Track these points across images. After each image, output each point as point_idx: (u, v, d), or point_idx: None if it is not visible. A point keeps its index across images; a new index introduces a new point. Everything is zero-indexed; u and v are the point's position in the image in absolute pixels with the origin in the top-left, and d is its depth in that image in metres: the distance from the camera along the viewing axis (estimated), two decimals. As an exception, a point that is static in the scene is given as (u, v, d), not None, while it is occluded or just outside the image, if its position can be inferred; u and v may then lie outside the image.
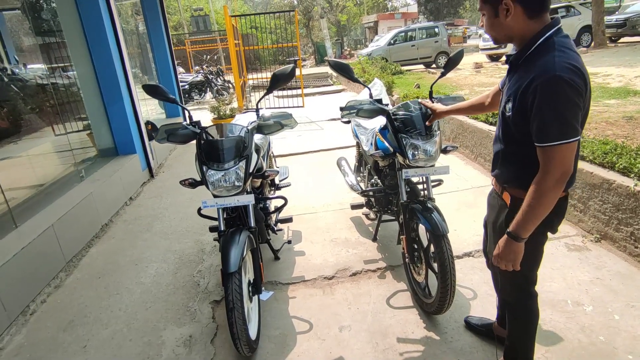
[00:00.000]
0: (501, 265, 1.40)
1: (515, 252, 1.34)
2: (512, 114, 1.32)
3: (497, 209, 1.54)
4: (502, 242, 1.37)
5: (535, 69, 1.22)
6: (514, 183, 1.44)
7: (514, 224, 1.33)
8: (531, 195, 1.27)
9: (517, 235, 1.32)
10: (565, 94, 1.17)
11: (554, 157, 1.22)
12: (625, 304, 2.15)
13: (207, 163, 1.97)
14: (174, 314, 2.40)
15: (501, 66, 11.84)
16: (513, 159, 1.42)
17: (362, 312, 2.31)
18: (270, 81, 2.18)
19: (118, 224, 3.78)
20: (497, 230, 1.53)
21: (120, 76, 4.46)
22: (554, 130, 1.19)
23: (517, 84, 1.30)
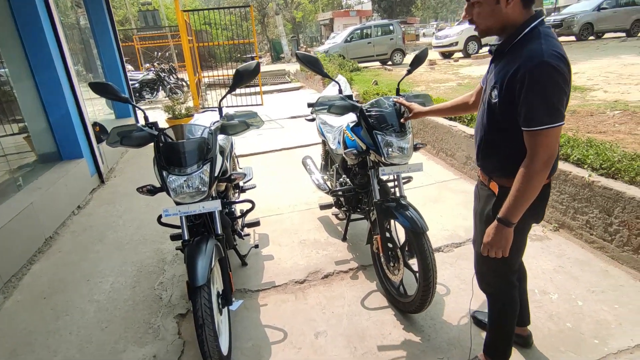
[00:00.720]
0: (491, 253, 1.39)
1: (506, 238, 1.35)
2: (499, 100, 1.33)
3: (484, 199, 1.54)
4: (492, 229, 1.37)
5: (523, 55, 1.24)
6: (500, 172, 1.45)
7: (503, 210, 1.34)
8: (520, 180, 1.28)
9: (507, 220, 1.33)
10: (552, 80, 1.19)
11: (542, 141, 1.24)
12: (586, 289, 2.25)
13: (168, 168, 1.80)
14: (135, 333, 2.20)
15: (453, 63, 12.29)
16: (498, 147, 1.43)
17: (337, 316, 2.24)
18: (233, 78, 2.04)
19: (65, 236, 3.45)
20: (483, 219, 1.53)
21: (61, 74, 4.07)
22: (541, 114, 1.22)
23: (503, 70, 1.32)
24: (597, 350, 1.85)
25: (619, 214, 2.36)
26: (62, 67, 4.12)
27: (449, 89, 7.77)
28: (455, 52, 14.10)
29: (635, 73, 7.16)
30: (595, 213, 2.52)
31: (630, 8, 13.67)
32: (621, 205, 2.33)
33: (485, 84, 1.48)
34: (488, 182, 1.52)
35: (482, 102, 1.48)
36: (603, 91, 6.11)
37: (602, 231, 2.50)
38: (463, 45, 13.49)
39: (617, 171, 2.47)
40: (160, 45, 18.17)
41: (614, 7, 13.63)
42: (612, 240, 2.44)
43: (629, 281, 2.28)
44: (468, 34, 13.44)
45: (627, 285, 2.24)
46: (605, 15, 13.54)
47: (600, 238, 2.52)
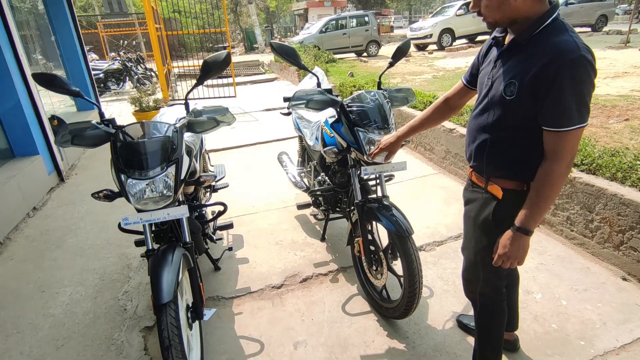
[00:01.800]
0: (506, 264, 1.29)
1: (524, 248, 1.26)
2: (517, 97, 1.20)
3: (480, 203, 1.42)
4: (508, 239, 1.26)
5: (553, 49, 1.12)
6: (505, 173, 1.33)
7: (522, 218, 1.23)
8: (542, 184, 1.20)
9: (527, 229, 1.24)
10: (589, 76, 1.12)
11: (568, 142, 1.16)
12: (569, 287, 2.22)
13: (127, 171, 1.60)
14: (95, 351, 2.00)
15: (428, 55, 12.32)
16: (506, 147, 1.31)
17: (317, 324, 2.12)
18: (201, 69, 1.85)
19: (18, 241, 3.15)
20: (479, 225, 1.42)
21: (10, 62, 3.70)
22: (573, 113, 1.13)
23: (522, 64, 1.19)
24: (583, 352, 1.81)
25: (600, 210, 2.34)
26: (11, 52, 3.74)
27: (425, 82, 7.74)
28: (429, 45, 14.14)
29: (602, 67, 7.35)
30: (576, 209, 2.50)
31: (596, 3, 14.11)
32: (603, 202, 2.31)
33: (489, 80, 1.33)
34: (485, 184, 1.40)
35: (486, 100, 1.34)
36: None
37: (582, 228, 2.48)
38: (437, 38, 13.54)
39: (598, 167, 2.44)
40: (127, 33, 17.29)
41: (580, 2, 14.02)
42: (592, 236, 2.42)
43: (610, 278, 2.27)
44: (442, 26, 13.51)
45: (608, 283, 2.23)
46: (572, 10, 13.92)
47: (581, 234, 2.50)
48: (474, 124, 1.41)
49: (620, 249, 2.26)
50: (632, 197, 2.15)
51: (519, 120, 1.24)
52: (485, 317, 1.59)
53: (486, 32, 12.73)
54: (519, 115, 1.23)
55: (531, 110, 1.19)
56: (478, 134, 1.38)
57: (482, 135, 1.36)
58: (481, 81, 1.41)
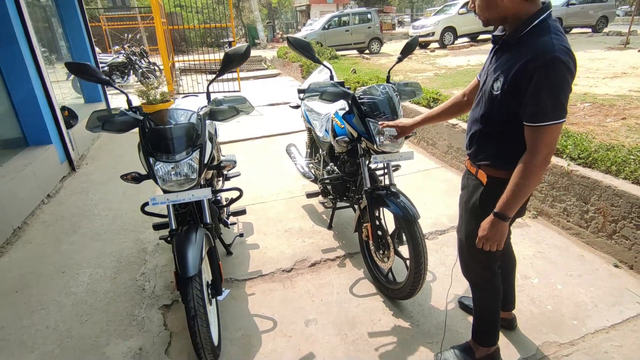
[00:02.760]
0: (486, 246, 1.41)
1: (502, 232, 1.37)
2: (501, 93, 1.31)
3: (471, 189, 1.55)
4: (487, 223, 1.38)
5: (533, 49, 1.22)
6: (491, 162, 1.45)
7: (500, 204, 1.34)
8: (519, 175, 1.29)
9: (504, 214, 1.34)
10: (562, 75, 1.19)
11: (544, 137, 1.24)
12: (565, 273, 2.35)
13: (155, 154, 1.72)
14: (118, 326, 2.12)
15: (430, 53, 12.42)
16: (493, 139, 1.43)
17: (326, 304, 2.25)
18: (222, 62, 1.96)
19: (35, 226, 3.26)
20: (469, 208, 1.55)
21: (25, 53, 3.80)
22: (547, 110, 1.21)
23: (509, 62, 1.30)
24: (576, 330, 1.94)
25: (595, 201, 2.47)
26: (26, 44, 3.84)
27: (427, 79, 7.85)
28: (431, 43, 14.24)
29: (601, 67, 7.48)
30: (572, 201, 2.63)
31: (597, 4, 14.22)
32: (597, 193, 2.44)
33: (485, 75, 1.46)
34: (476, 171, 1.52)
35: (480, 94, 1.47)
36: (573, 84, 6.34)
37: (578, 218, 2.61)
38: (439, 36, 13.64)
39: (594, 161, 2.57)
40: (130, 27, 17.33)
41: (581, 3, 14.13)
42: (587, 226, 2.55)
43: (603, 265, 2.40)
44: (444, 24, 13.60)
45: (601, 269, 2.36)
46: (573, 10, 14.02)
47: (577, 225, 2.63)
48: (471, 115, 1.55)
49: (612, 237, 2.39)
50: (624, 189, 2.28)
51: (504, 114, 1.34)
52: (480, 294, 1.71)
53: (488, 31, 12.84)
54: (503, 110, 1.33)
55: (514, 106, 1.29)
56: (472, 124, 1.51)
57: (475, 126, 1.49)
58: (481, 77, 1.55)
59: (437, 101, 4.44)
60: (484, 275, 1.67)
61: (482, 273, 1.67)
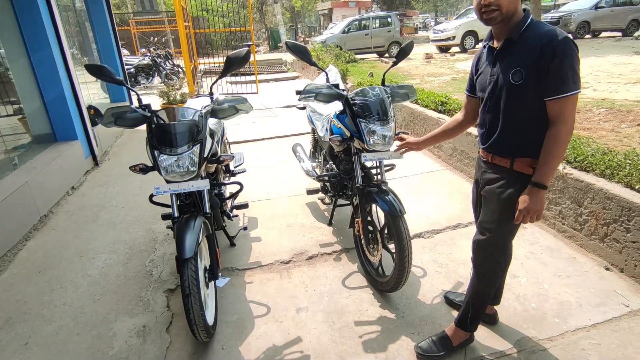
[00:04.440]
0: (526, 219, 1.51)
1: (542, 201, 1.49)
2: (524, 81, 1.46)
3: (506, 181, 1.60)
4: (528, 194, 1.49)
5: (543, 37, 1.41)
6: (528, 151, 1.54)
7: (538, 174, 1.48)
8: (552, 144, 1.45)
9: (543, 184, 1.47)
10: (575, 52, 1.40)
11: (569, 106, 1.42)
12: (553, 274, 2.39)
13: (159, 147, 1.90)
14: (126, 305, 2.32)
15: (449, 57, 12.36)
16: (525, 126, 1.53)
17: (318, 294, 2.37)
18: (224, 64, 2.13)
19: (59, 214, 3.54)
20: (503, 201, 1.60)
21: (57, 56, 4.12)
22: (570, 81, 1.39)
23: (522, 55, 1.46)
24: (556, 327, 1.99)
25: (589, 204, 2.49)
26: (58, 47, 4.16)
27: (443, 83, 7.86)
28: (452, 47, 14.15)
29: (625, 72, 7.29)
30: (567, 204, 2.66)
31: (628, 8, 13.76)
32: (590, 196, 2.47)
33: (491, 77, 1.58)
34: (511, 164, 1.57)
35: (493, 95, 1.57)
36: (592, 89, 6.23)
37: (572, 221, 2.64)
38: (460, 40, 13.54)
39: (589, 164, 2.59)
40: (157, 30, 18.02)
41: (611, 7, 13.71)
42: (581, 229, 2.58)
43: (594, 268, 2.42)
44: (465, 28, 13.49)
45: (591, 272, 2.39)
46: (602, 14, 13.62)
47: (571, 227, 2.66)
48: (488, 117, 1.63)
49: (604, 240, 2.41)
50: (615, 192, 2.30)
51: (529, 100, 1.47)
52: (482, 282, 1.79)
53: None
54: (528, 96, 1.47)
55: (538, 89, 1.44)
56: (494, 122, 1.60)
57: (500, 122, 1.58)
58: (482, 82, 1.65)
59: (446, 105, 4.49)
60: (493, 265, 1.75)
61: (498, 255, 1.74)
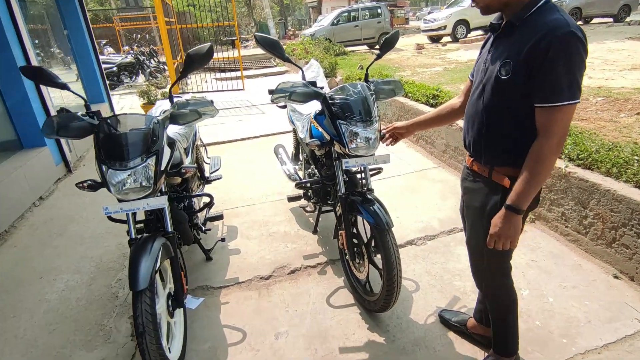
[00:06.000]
0: (498, 244, 1.29)
1: (516, 227, 1.26)
2: (512, 76, 1.21)
3: (485, 192, 1.40)
4: (499, 218, 1.27)
5: (544, 26, 1.14)
6: (508, 160, 1.31)
7: (513, 196, 1.24)
8: (532, 161, 1.21)
9: (518, 207, 1.23)
10: (578, 51, 1.12)
11: (559, 119, 1.16)
12: (558, 284, 2.18)
13: (107, 161, 1.64)
14: (84, 336, 2.07)
15: (441, 47, 12.10)
16: (505, 131, 1.29)
17: (300, 315, 2.14)
18: (184, 63, 1.87)
19: (23, 229, 3.26)
20: (486, 215, 1.38)
21: (17, 56, 3.81)
22: (563, 88, 1.13)
23: (516, 44, 1.20)
24: (564, 350, 1.78)
25: (594, 206, 2.28)
26: (19, 47, 3.85)
27: (435, 74, 7.62)
28: (443, 36, 13.87)
29: (619, 59, 7.09)
30: (570, 205, 2.44)
31: (619, -8, 13.56)
32: (596, 197, 2.25)
33: (484, 64, 1.34)
34: (489, 173, 1.37)
35: (479, 86, 1.35)
36: (587, 77, 6.02)
37: (576, 224, 2.42)
38: (451, 29, 13.26)
39: (594, 162, 2.38)
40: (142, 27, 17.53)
41: (602, -8, 13.50)
42: (586, 233, 2.37)
43: (601, 276, 2.21)
44: (456, 17, 13.22)
45: (598, 280, 2.18)
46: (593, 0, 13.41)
47: (575, 231, 2.44)
48: (471, 111, 1.41)
49: (612, 246, 2.20)
50: (624, 193, 2.09)
51: (515, 100, 1.23)
52: (498, 304, 1.58)
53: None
54: (515, 95, 1.23)
55: (527, 88, 1.19)
56: (475, 120, 1.37)
57: (480, 120, 1.35)
58: (478, 67, 1.42)
59: (438, 97, 4.26)
60: (502, 283, 1.54)
61: (499, 282, 1.54)
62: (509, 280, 1.54)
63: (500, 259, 1.46)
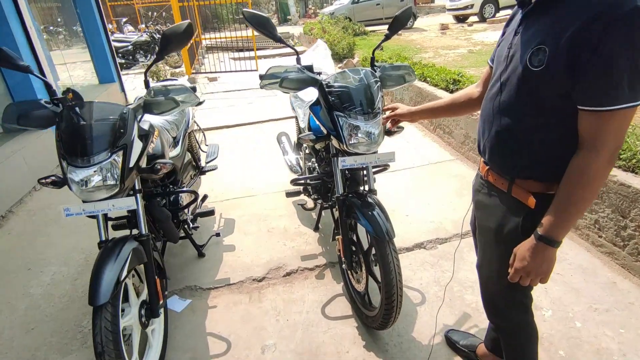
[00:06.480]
0: (525, 281, 1.03)
1: (549, 261, 0.99)
2: (546, 67, 0.91)
3: (502, 211, 1.13)
4: (529, 250, 1.00)
5: (596, 1, 0.84)
6: (532, 173, 1.04)
7: (548, 225, 0.96)
8: (575, 183, 0.93)
9: (554, 239, 0.96)
10: None
11: (614, 127, 0.88)
12: (588, 306, 1.89)
13: (68, 157, 1.45)
14: (61, 338, 1.94)
15: (467, 28, 11.40)
16: (533, 138, 1.01)
17: (291, 325, 1.95)
18: (160, 43, 1.63)
19: (20, 214, 3.18)
20: (503, 239, 1.13)
21: (17, 33, 3.67)
22: (624, 88, 0.84)
23: (557, 25, 0.90)
24: (592, 388, 1.53)
25: (636, 216, 1.95)
26: (18, 23, 3.71)
27: (458, 56, 7.14)
28: (470, 16, 13.08)
29: None
30: (607, 212, 2.12)
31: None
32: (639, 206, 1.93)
33: (509, 50, 1.05)
34: (509, 187, 1.10)
35: (501, 77, 1.06)
36: None
37: (613, 234, 2.11)
38: (479, 9, 12.46)
39: (638, 163, 2.04)
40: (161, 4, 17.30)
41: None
42: (624, 246, 2.05)
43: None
44: (486, -5, 12.39)
45: (637, 304, 1.88)
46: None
47: (611, 242, 2.13)
48: (488, 109, 1.12)
49: (656, 264, 1.89)
50: (676, 204, 1.76)
51: (550, 100, 0.95)
52: (515, 339, 1.33)
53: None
54: (550, 93, 0.94)
55: (567, 85, 0.90)
56: (494, 119, 1.09)
57: (501, 122, 1.06)
58: (499, 53, 1.11)
59: (459, 83, 3.89)
60: (519, 321, 1.29)
61: (516, 319, 1.28)
62: (529, 316, 1.27)
63: (521, 293, 1.20)
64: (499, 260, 1.14)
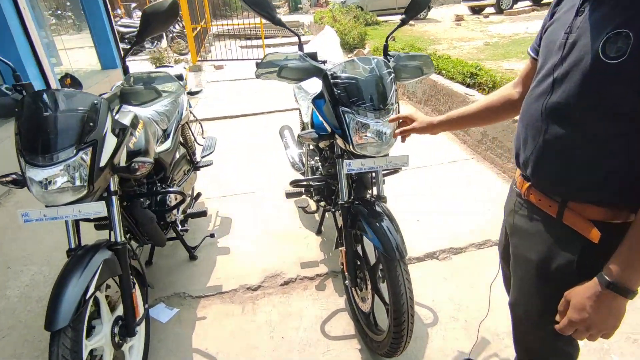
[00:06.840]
0: (582, 335, 0.79)
1: (619, 315, 0.76)
2: (630, 59, 0.68)
3: (549, 242, 0.90)
4: (591, 299, 0.76)
5: None
6: (597, 195, 0.81)
7: (621, 269, 0.73)
8: None
9: (627, 287, 0.73)
10: None
11: None
12: (626, 336, 1.66)
13: (27, 154, 1.25)
14: (32, 349, 1.77)
15: (483, 19, 10.97)
16: (602, 150, 0.78)
17: (286, 344, 1.74)
18: (140, 24, 1.41)
19: (7, 206, 3.02)
20: (549, 276, 0.90)
21: (9, 15, 3.47)
22: None
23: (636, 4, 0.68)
24: None
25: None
26: (12, 4, 3.51)
27: (474, 49, 6.81)
28: (486, 7, 12.60)
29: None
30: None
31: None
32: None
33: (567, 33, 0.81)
34: (560, 211, 0.86)
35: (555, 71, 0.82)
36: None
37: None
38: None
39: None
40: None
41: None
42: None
43: (686, 328, 1.67)
44: (504, -15, 11.91)
45: (682, 335, 1.64)
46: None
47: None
48: (534, 111, 0.88)
49: None
50: None
51: (631, 102, 0.71)
52: None
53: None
54: (627, 90, 0.71)
55: None
56: (544, 127, 0.84)
57: (553, 128, 0.82)
58: (551, 40, 0.87)
59: (476, 76, 3.62)
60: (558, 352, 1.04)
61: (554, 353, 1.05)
62: (563, 357, 1.04)
63: (567, 341, 0.97)
64: (542, 302, 0.92)
